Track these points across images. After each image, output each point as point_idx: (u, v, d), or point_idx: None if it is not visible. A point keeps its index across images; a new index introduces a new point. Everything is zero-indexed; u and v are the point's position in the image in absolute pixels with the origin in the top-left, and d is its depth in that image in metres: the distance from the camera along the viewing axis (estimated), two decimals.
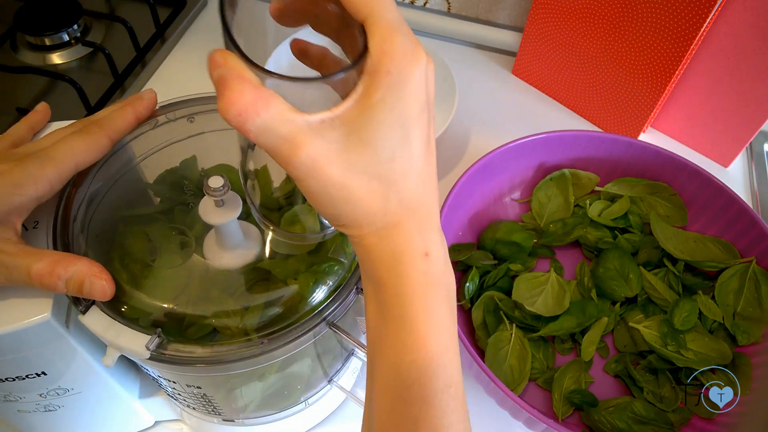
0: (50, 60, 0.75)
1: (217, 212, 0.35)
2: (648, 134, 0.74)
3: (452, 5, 0.82)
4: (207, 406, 0.42)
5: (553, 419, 0.45)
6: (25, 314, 0.33)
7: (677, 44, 0.62)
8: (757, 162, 0.72)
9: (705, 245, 0.57)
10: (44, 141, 0.35)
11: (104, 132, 0.36)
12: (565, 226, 0.60)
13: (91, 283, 0.33)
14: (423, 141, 0.26)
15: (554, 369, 0.53)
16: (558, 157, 0.62)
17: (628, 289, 0.56)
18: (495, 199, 0.62)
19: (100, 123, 0.36)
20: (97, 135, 0.35)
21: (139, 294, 0.35)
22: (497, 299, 0.54)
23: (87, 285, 0.33)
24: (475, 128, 0.74)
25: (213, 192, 0.34)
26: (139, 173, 0.42)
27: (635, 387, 0.52)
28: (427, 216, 0.28)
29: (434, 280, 0.28)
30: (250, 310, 0.36)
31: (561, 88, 0.76)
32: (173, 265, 0.37)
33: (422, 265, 0.27)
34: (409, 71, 0.25)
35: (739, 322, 0.53)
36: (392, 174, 0.26)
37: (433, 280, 0.28)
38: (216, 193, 0.34)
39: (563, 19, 0.70)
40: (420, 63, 0.25)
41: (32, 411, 0.40)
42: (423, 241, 0.27)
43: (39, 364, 0.36)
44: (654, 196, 0.61)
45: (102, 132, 0.36)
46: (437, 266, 0.28)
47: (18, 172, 0.32)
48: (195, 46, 0.80)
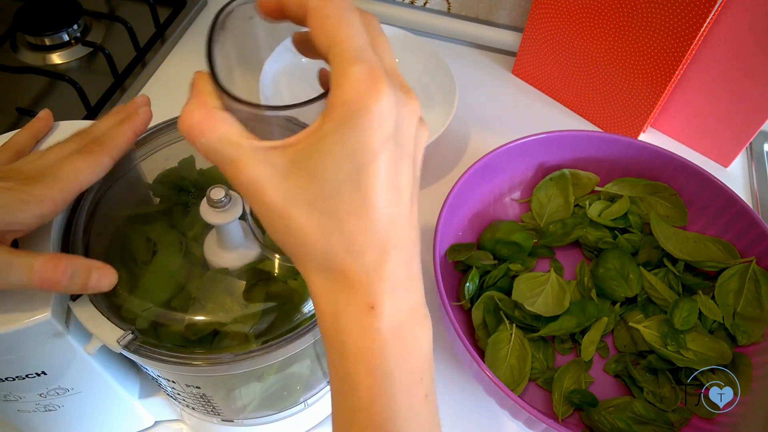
0: (50, 60, 0.75)
1: (218, 212, 0.35)
2: (648, 134, 0.74)
3: (452, 5, 0.82)
4: (206, 406, 0.42)
5: (553, 419, 0.45)
6: (25, 314, 0.33)
7: (677, 44, 0.62)
8: (757, 162, 0.72)
9: (705, 245, 0.57)
10: (47, 157, 0.35)
11: (106, 151, 0.36)
12: (565, 226, 0.60)
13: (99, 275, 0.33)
14: (383, 182, 0.24)
15: (554, 369, 0.53)
16: (558, 157, 0.62)
17: (628, 289, 0.56)
18: (495, 199, 0.62)
19: (101, 142, 0.36)
20: (100, 155, 0.36)
21: (138, 293, 0.35)
22: (497, 299, 0.54)
23: (95, 277, 0.32)
24: (475, 128, 0.74)
25: (215, 204, 0.35)
26: (139, 173, 0.42)
27: (635, 387, 0.52)
28: (378, 264, 0.25)
29: (383, 337, 0.25)
30: (250, 311, 0.36)
31: (561, 88, 0.76)
32: (173, 264, 0.38)
33: (365, 320, 0.25)
34: (364, 104, 0.23)
35: (739, 322, 0.53)
36: (336, 211, 0.24)
37: (380, 338, 0.25)
38: (218, 205, 0.35)
39: (563, 19, 0.70)
40: (379, 96, 0.23)
41: (32, 411, 0.40)
42: (369, 292, 0.25)
43: (39, 363, 0.36)
44: (654, 196, 0.61)
45: (104, 151, 0.36)
46: (390, 321, 0.25)
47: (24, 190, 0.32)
48: (195, 46, 0.80)
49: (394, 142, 0.24)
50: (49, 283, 0.31)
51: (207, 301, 0.36)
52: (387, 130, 0.24)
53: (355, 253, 0.25)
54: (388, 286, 0.25)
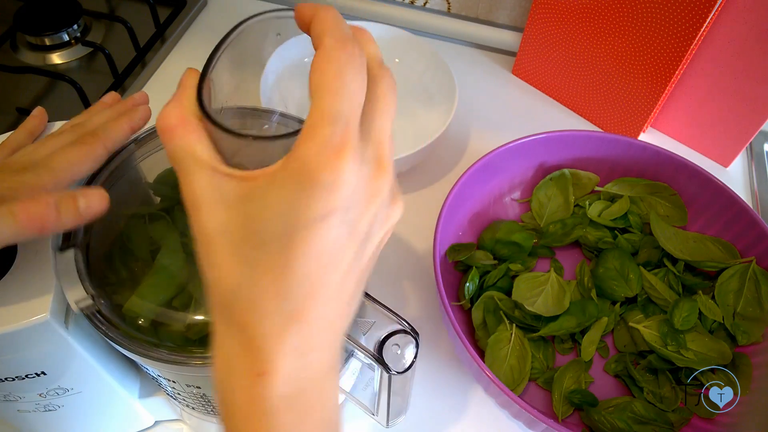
0: (50, 60, 0.75)
1: None
2: (648, 134, 0.74)
3: (452, 5, 0.82)
4: (206, 406, 0.42)
5: (553, 419, 0.45)
6: (23, 314, 0.33)
7: (677, 44, 0.62)
8: (757, 162, 0.72)
9: (705, 245, 0.57)
10: (40, 150, 0.35)
11: (100, 142, 0.36)
12: (565, 226, 0.60)
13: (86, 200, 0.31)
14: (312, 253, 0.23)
15: (554, 369, 0.53)
16: (558, 157, 0.62)
17: (628, 289, 0.56)
18: (495, 199, 0.62)
19: (96, 133, 0.36)
20: (94, 145, 0.35)
21: (139, 292, 0.35)
22: (497, 299, 0.54)
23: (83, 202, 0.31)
24: (475, 128, 0.74)
25: None
26: (140, 173, 0.42)
27: (635, 387, 0.52)
28: (279, 332, 0.23)
29: (272, 405, 0.23)
30: None
31: (561, 88, 0.76)
32: (174, 264, 0.38)
33: (254, 387, 0.23)
34: (318, 170, 0.22)
35: (739, 322, 0.53)
36: (256, 264, 0.23)
37: (269, 406, 0.23)
38: None
39: (563, 19, 0.70)
40: (336, 169, 0.22)
41: (32, 411, 0.40)
42: (261, 359, 0.23)
43: (38, 363, 0.36)
44: (654, 196, 0.61)
45: (99, 142, 0.36)
46: (283, 389, 0.23)
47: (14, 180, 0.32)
48: (195, 46, 0.80)
49: (341, 218, 0.23)
50: (38, 221, 0.29)
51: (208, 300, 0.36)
52: (334, 203, 0.22)
53: (259, 314, 0.23)
54: (286, 354, 0.23)
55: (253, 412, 0.24)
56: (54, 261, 0.35)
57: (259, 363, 0.23)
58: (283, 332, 0.23)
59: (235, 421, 0.24)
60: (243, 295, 0.24)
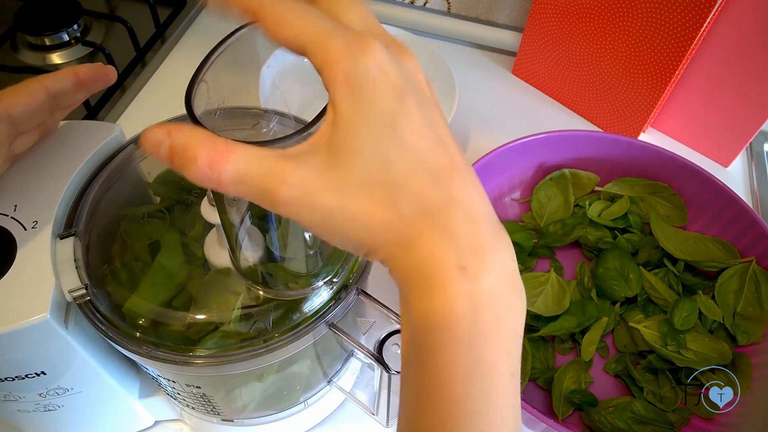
0: (50, 60, 0.75)
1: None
2: (648, 134, 0.74)
3: (452, 5, 0.82)
4: (206, 406, 0.42)
5: (553, 419, 0.45)
6: (23, 314, 0.33)
7: (677, 44, 0.62)
8: (757, 162, 0.72)
9: (705, 245, 0.57)
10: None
11: (37, 79, 0.35)
12: (565, 226, 0.60)
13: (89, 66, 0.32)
14: (418, 131, 0.23)
15: (554, 369, 0.53)
16: (558, 157, 0.62)
17: (628, 289, 0.56)
18: (495, 199, 0.62)
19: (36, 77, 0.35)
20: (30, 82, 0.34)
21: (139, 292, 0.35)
22: None
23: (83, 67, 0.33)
24: (475, 128, 0.74)
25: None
26: (139, 173, 0.42)
27: (635, 387, 0.52)
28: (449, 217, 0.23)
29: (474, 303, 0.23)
30: (250, 310, 0.36)
31: (561, 88, 0.76)
32: (174, 264, 0.38)
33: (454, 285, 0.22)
34: (361, 65, 0.22)
35: (739, 322, 0.53)
36: (395, 178, 0.23)
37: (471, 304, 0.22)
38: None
39: (563, 19, 0.70)
40: (369, 51, 0.22)
41: (32, 411, 0.40)
42: (455, 251, 0.23)
43: (38, 363, 0.36)
44: (654, 196, 0.61)
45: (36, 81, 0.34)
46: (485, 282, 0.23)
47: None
48: (195, 46, 0.80)
49: (409, 90, 0.23)
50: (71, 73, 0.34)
51: (207, 300, 0.36)
52: (395, 79, 0.23)
53: (430, 213, 0.23)
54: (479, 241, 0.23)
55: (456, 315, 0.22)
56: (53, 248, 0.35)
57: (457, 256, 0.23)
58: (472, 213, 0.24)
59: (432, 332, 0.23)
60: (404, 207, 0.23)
